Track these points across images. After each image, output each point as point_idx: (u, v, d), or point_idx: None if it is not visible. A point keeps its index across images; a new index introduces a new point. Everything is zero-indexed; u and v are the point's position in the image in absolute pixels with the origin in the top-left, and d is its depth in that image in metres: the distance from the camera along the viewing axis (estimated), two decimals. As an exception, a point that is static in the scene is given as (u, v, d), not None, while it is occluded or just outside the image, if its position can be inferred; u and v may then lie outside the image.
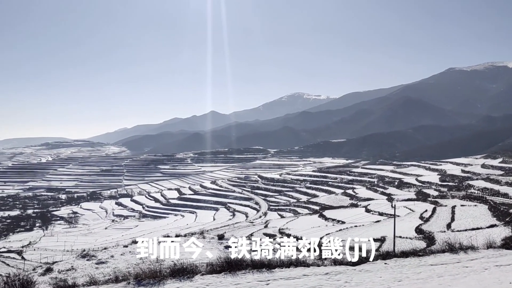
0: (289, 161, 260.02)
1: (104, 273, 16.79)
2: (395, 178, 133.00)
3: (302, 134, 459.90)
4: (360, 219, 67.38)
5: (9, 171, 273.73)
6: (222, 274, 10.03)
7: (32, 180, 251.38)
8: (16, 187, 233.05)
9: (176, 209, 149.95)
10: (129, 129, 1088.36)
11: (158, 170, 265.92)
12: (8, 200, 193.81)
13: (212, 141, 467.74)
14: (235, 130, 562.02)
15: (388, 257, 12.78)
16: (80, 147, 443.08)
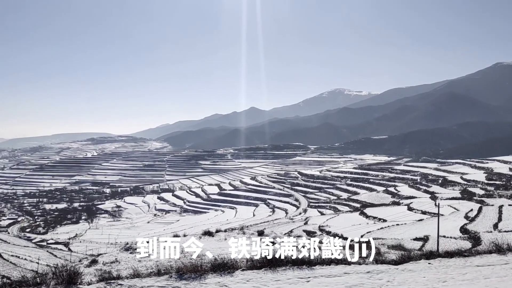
0: (329, 158, 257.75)
1: (147, 266, 17.09)
2: (438, 176, 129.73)
3: (342, 131, 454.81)
4: (402, 218, 66.12)
5: (56, 165, 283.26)
6: (263, 270, 10.03)
7: (78, 174, 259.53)
8: (63, 181, 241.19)
9: (217, 204, 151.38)
10: (171, 125, 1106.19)
11: (199, 165, 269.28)
12: (56, 193, 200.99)
13: (252, 137, 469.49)
14: (275, 126, 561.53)
15: (431, 256, 12.48)
16: (124, 143, 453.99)
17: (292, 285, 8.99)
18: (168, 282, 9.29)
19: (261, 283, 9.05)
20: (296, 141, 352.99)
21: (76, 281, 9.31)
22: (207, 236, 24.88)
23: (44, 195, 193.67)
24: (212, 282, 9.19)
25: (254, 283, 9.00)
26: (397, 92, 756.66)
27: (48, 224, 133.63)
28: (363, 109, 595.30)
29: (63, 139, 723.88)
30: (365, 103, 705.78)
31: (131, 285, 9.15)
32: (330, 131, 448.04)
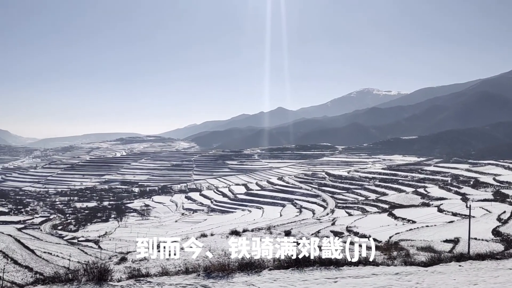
0: (357, 158, 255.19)
1: (175, 265, 17.28)
2: (470, 177, 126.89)
3: (371, 131, 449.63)
4: (432, 219, 64.92)
5: (87, 165, 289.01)
6: (290, 270, 10.03)
7: (108, 173, 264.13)
8: (93, 180, 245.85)
9: (244, 204, 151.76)
10: (198, 125, 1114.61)
11: (226, 165, 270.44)
12: (86, 192, 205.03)
13: (279, 138, 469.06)
14: (302, 126, 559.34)
15: (462, 259, 12.26)
16: (152, 143, 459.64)
17: (320, 285, 8.95)
18: (196, 280, 9.38)
19: (288, 282, 9.05)
20: (324, 141, 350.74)
21: (106, 278, 9.49)
22: (234, 235, 25.00)
23: (75, 194, 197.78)
24: (239, 281, 9.23)
25: (281, 283, 9.01)
26: (427, 91, 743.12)
27: (79, 222, 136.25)
28: (392, 109, 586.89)
29: (93, 139, 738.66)
30: (395, 103, 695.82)
31: (160, 282, 9.28)
32: (358, 131, 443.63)
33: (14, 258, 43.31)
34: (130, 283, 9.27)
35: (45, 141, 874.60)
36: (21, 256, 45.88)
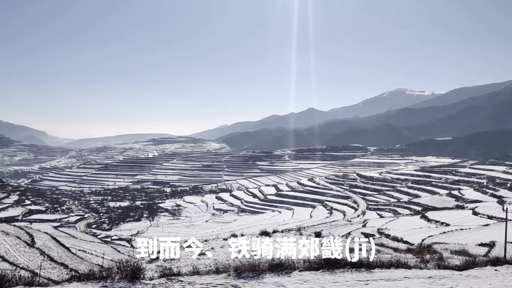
0: (389, 160, 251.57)
1: (206, 264, 17.40)
2: (507, 180, 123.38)
3: (403, 132, 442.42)
4: (466, 222, 63.39)
5: (120, 165, 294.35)
6: (320, 272, 9.98)
7: (140, 173, 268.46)
8: (126, 180, 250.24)
9: (274, 205, 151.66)
10: (229, 126, 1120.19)
11: (256, 166, 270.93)
12: (119, 191, 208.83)
13: (309, 138, 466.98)
14: (333, 127, 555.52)
15: (498, 263, 11.93)
16: (184, 143, 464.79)
17: (350, 287, 8.88)
18: (226, 280, 9.45)
19: (319, 284, 9.01)
20: (355, 142, 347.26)
21: (139, 276, 9.66)
22: (264, 236, 25.02)
23: (108, 193, 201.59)
24: (270, 281, 9.24)
25: (311, 284, 8.97)
26: (463, 91, 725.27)
27: (112, 221, 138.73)
28: (426, 110, 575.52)
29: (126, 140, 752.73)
30: (428, 103, 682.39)
31: (191, 281, 9.38)
32: (391, 132, 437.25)
33: (50, 255, 44.51)
34: (162, 281, 9.41)
35: (80, 142, 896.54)
36: (57, 253, 47.11)
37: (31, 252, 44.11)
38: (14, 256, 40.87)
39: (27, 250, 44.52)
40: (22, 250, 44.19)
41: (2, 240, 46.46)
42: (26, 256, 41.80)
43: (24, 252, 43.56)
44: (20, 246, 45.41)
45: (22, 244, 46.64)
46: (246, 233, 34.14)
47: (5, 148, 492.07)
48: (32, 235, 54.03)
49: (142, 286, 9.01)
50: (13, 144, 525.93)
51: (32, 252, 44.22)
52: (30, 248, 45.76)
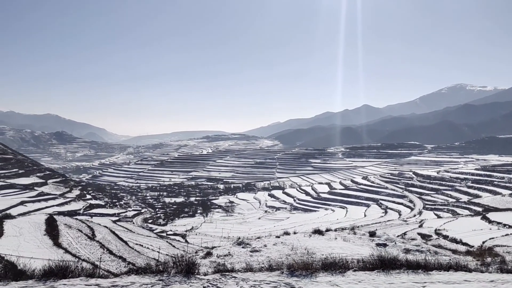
0: (448, 158, 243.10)
1: (258, 261, 17.48)
2: None
3: (463, 129, 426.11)
4: (531, 224, 60.24)
5: (175, 162, 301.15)
6: (375, 272, 9.77)
7: (194, 170, 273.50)
8: (181, 176, 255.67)
9: (327, 203, 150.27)
10: (282, 123, 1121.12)
11: (309, 164, 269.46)
12: (174, 188, 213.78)
13: (364, 136, 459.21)
14: (389, 124, 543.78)
15: None
16: (237, 140, 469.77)
17: (407, 289, 8.63)
18: (279, 278, 9.44)
19: (373, 285, 8.82)
20: (411, 139, 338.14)
21: (194, 271, 9.85)
22: (317, 234, 24.86)
23: (164, 189, 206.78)
24: (323, 280, 9.15)
25: (366, 285, 8.80)
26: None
27: (167, 216, 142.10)
28: (488, 106, 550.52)
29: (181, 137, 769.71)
30: (490, 99, 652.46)
31: (244, 278, 9.44)
32: (449, 130, 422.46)
33: (109, 248, 46.19)
34: (216, 277, 9.53)
35: (137, 139, 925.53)
36: (115, 246, 48.84)
37: (92, 245, 45.94)
38: (76, 248, 42.71)
39: (88, 243, 46.41)
40: (84, 242, 46.11)
41: (65, 233, 48.72)
42: (87, 249, 43.58)
43: (85, 244, 45.44)
44: (81, 239, 47.41)
45: (84, 237, 48.67)
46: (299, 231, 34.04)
47: (68, 144, 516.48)
48: (92, 229, 56.31)
49: (197, 281, 9.16)
50: (75, 140, 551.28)
51: (93, 245, 46.04)
52: (91, 241, 47.68)
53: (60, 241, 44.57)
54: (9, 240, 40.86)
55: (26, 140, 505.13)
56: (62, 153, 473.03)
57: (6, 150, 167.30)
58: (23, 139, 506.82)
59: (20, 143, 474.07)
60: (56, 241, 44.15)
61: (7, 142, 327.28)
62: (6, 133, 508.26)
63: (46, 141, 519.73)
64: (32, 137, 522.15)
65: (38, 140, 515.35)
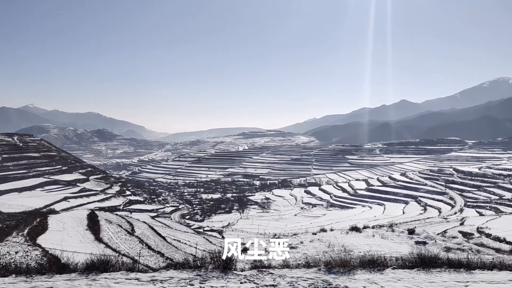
0: (490, 154, 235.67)
1: (295, 258, 17.46)
2: None
3: (506, 124, 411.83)
4: None
5: (212, 158, 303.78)
6: (415, 270, 9.58)
7: (231, 166, 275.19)
8: (217, 173, 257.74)
9: (364, 200, 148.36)
10: (318, 119, 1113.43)
11: (345, 160, 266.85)
12: (211, 184, 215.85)
13: (402, 131, 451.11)
14: (428, 119, 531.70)
15: None
16: (273, 137, 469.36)
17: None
18: (317, 275, 9.38)
19: (413, 283, 8.64)
20: (451, 135, 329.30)
21: (231, 267, 9.92)
22: (354, 231, 24.61)
23: (201, 186, 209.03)
24: (361, 278, 9.04)
25: (405, 283, 8.63)
26: None
27: (204, 212, 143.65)
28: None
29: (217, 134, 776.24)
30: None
31: (281, 274, 9.44)
32: (491, 125, 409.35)
33: (148, 244, 47.08)
34: (253, 273, 9.57)
35: (175, 136, 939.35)
36: (154, 242, 49.74)
37: (131, 240, 46.94)
38: (116, 243, 43.73)
39: (128, 238, 47.45)
40: (123, 237, 47.18)
41: (106, 228, 49.98)
42: (126, 244, 44.56)
43: (125, 239, 46.48)
44: (121, 234, 48.52)
45: (123, 232, 49.79)
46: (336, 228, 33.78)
47: (109, 142, 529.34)
48: (132, 224, 57.53)
49: (234, 276, 9.22)
50: (116, 138, 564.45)
51: (132, 240, 47.04)
52: (130, 236, 48.72)
53: (101, 236, 45.76)
54: (53, 235, 42.24)
55: (69, 138, 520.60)
56: (103, 150, 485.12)
57: (50, 148, 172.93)
58: (66, 136, 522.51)
59: (64, 141, 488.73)
60: (97, 235, 45.35)
61: (52, 139, 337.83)
62: (51, 131, 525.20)
63: (88, 138, 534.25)
64: (75, 135, 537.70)
65: (81, 138, 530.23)
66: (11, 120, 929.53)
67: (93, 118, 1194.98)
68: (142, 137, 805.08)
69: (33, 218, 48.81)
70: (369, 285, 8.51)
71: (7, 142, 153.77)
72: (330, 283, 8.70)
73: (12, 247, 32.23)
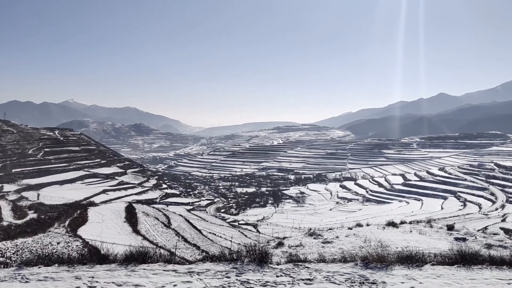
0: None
1: (331, 252, 17.34)
2: None
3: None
4: None
5: (246, 152, 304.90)
6: (455, 267, 9.35)
7: (265, 160, 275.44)
8: (252, 167, 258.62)
9: (401, 195, 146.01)
10: (353, 113, 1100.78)
11: (382, 154, 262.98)
12: (246, 178, 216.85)
13: (440, 125, 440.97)
14: (467, 113, 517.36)
15: None
16: (307, 131, 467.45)
17: (490, 286, 8.17)
18: (353, 270, 9.30)
19: (454, 280, 8.44)
20: (492, 129, 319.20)
21: (266, 261, 9.95)
22: (390, 227, 24.25)
23: (236, 179, 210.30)
24: (399, 274, 8.89)
25: (445, 280, 8.44)
26: None
27: (239, 206, 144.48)
28: None
29: (252, 128, 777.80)
30: None
31: (317, 269, 9.39)
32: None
33: (184, 236, 47.80)
34: (289, 267, 9.56)
35: (210, 130, 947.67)
36: (190, 235, 50.45)
37: (168, 233, 47.77)
38: (153, 236, 44.60)
39: (164, 231, 48.30)
40: (160, 230, 48.05)
41: (143, 220, 51.01)
42: (163, 236, 45.38)
43: (162, 232, 47.33)
44: (158, 227, 49.43)
45: (160, 225, 50.71)
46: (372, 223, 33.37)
47: (146, 136, 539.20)
48: (168, 217, 58.50)
49: (270, 270, 9.24)
50: (152, 132, 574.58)
51: (169, 233, 47.86)
52: (167, 229, 49.58)
53: (138, 228, 46.75)
54: (93, 226, 43.45)
55: (108, 132, 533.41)
56: (140, 144, 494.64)
57: (90, 142, 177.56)
58: (104, 131, 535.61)
59: (102, 135, 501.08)
60: (135, 228, 46.35)
61: (91, 134, 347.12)
62: (90, 126, 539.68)
63: (126, 132, 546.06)
64: (113, 129, 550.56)
65: (118, 132, 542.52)
66: (52, 114, 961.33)
67: (130, 112, 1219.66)
68: (177, 131, 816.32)
69: (73, 210, 50.35)
70: (408, 281, 8.36)
71: (49, 136, 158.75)
72: (367, 278, 8.61)
73: (54, 237, 33.35)
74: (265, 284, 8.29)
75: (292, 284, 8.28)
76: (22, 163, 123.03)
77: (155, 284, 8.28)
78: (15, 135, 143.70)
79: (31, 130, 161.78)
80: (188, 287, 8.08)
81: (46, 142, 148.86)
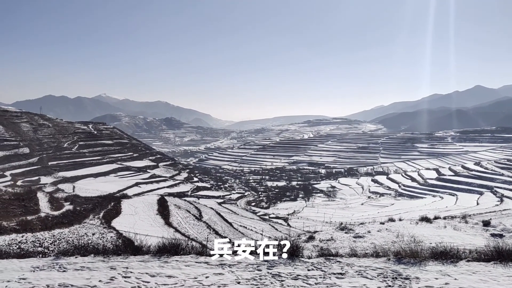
0: None
1: (363, 247, 17.20)
2: None
3: None
4: None
5: (276, 146, 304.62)
6: (491, 263, 9.13)
7: (296, 154, 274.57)
8: (282, 161, 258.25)
9: (434, 190, 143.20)
10: (385, 106, 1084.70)
11: (415, 148, 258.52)
12: (276, 172, 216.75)
13: (476, 119, 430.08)
14: (505, 106, 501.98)
15: None
16: (338, 125, 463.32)
17: (529, 284, 7.94)
18: (386, 265, 9.20)
19: (490, 277, 8.24)
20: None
21: (298, 254, 9.95)
22: (424, 222, 23.85)
23: (266, 173, 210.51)
24: (433, 269, 8.74)
25: (481, 276, 8.26)
26: None
27: (270, 199, 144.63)
28: None
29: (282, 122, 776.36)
30: None
31: (349, 263, 9.34)
32: None
33: (215, 229, 48.24)
34: (320, 260, 9.53)
35: (240, 124, 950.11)
36: (221, 227, 50.88)
37: (199, 225, 48.29)
38: (185, 228, 45.15)
39: (196, 223, 48.85)
40: (192, 222, 48.62)
41: (175, 213, 51.71)
42: (195, 229, 45.89)
43: (193, 224, 47.87)
44: (189, 219, 50.02)
45: (191, 218, 51.30)
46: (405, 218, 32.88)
47: (176, 130, 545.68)
48: (199, 210, 59.14)
49: (301, 263, 9.24)
50: (183, 126, 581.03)
51: (200, 225, 48.37)
52: (198, 222, 50.12)
53: (170, 220, 47.42)
54: (126, 218, 44.32)
55: (139, 126, 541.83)
56: (171, 138, 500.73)
57: (122, 135, 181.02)
58: (136, 124, 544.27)
59: (134, 129, 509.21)
60: (167, 220, 47.03)
61: (123, 127, 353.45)
62: (122, 119, 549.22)
63: (157, 126, 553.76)
64: (145, 123, 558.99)
65: (150, 126, 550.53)
66: (86, 109, 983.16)
67: (161, 106, 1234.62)
68: (208, 125, 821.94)
69: (107, 202, 51.45)
70: (442, 277, 8.22)
71: (83, 130, 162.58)
72: (400, 273, 8.51)
73: (89, 228, 34.20)
74: (296, 277, 8.29)
75: (324, 278, 8.26)
76: (58, 156, 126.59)
77: (188, 275, 8.40)
78: (51, 128, 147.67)
79: (66, 124, 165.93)
80: (220, 279, 8.18)
81: (80, 135, 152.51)
